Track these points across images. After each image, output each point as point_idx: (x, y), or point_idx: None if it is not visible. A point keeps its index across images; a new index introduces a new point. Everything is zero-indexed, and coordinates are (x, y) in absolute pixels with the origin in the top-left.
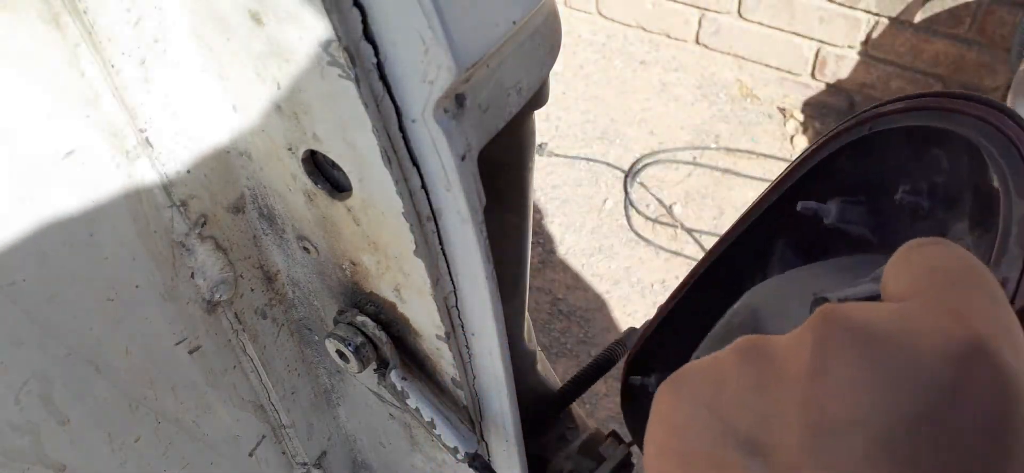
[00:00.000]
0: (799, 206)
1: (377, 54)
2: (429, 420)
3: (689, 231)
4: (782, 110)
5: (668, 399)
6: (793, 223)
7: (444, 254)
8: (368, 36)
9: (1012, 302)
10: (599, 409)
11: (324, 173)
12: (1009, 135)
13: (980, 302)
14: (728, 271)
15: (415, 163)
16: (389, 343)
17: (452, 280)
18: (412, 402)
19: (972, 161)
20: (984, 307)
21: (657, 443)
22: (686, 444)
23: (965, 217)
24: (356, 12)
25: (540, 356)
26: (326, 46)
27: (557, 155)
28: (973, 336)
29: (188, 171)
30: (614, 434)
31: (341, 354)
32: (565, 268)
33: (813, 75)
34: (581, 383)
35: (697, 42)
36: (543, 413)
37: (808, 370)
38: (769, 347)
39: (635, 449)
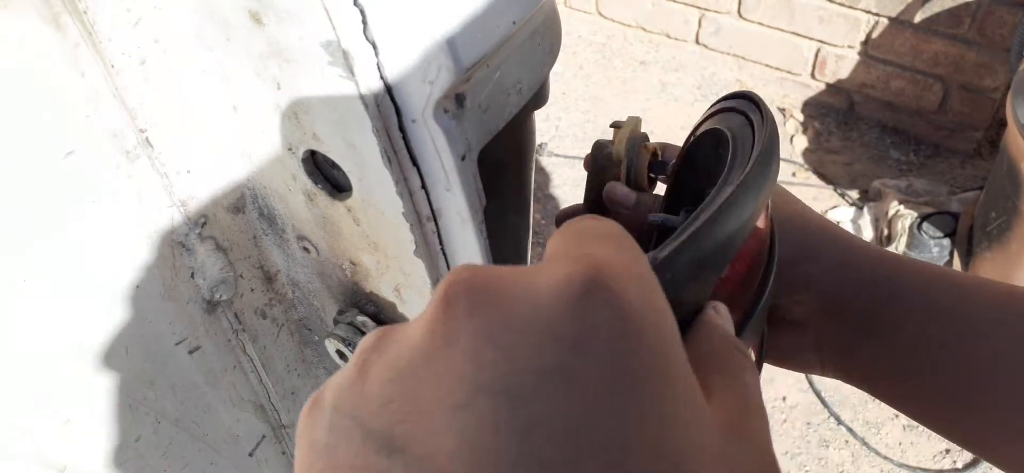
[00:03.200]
0: (649, 217)
1: (377, 54)
2: None
3: None
4: (782, 110)
5: (307, 419)
6: (659, 239)
7: (444, 254)
8: (368, 36)
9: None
10: None
11: (324, 173)
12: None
13: (606, 249)
14: None
15: (415, 163)
16: None
17: None
18: None
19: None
20: (610, 253)
21: (304, 469)
22: (332, 460)
23: None
24: (356, 12)
25: None
26: (326, 46)
27: (557, 155)
28: (591, 275)
29: (188, 171)
30: None
31: (341, 354)
32: None
33: (813, 75)
34: None
35: (697, 42)
36: None
37: (438, 344)
38: (397, 333)
39: None
